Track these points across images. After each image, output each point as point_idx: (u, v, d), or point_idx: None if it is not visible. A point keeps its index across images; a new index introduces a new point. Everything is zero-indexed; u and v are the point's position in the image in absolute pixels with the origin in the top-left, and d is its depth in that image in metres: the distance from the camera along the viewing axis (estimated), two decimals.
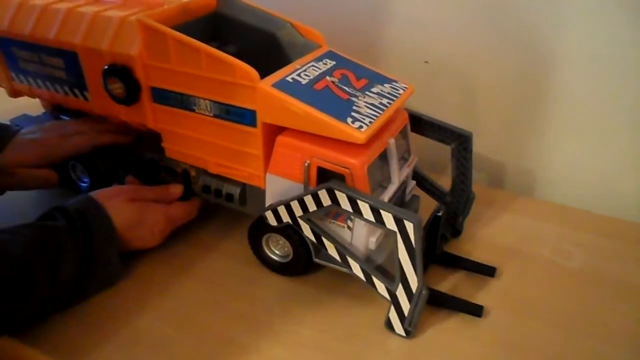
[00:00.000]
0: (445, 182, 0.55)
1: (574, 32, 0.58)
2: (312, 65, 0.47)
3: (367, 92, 0.46)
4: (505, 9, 0.60)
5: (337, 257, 0.45)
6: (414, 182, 0.53)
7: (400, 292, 0.42)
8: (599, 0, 0.55)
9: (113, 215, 0.47)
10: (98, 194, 0.49)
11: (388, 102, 0.46)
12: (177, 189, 0.54)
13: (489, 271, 0.51)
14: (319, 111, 0.42)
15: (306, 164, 0.43)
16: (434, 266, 0.51)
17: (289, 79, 0.44)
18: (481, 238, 0.56)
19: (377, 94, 0.47)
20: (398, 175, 0.47)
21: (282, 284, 0.50)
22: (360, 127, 0.41)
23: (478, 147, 0.53)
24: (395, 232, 0.40)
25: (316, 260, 0.48)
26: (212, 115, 0.47)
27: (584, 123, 0.62)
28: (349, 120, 0.42)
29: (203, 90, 0.46)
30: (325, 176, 0.43)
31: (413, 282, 0.41)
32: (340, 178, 0.42)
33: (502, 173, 0.70)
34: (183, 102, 0.48)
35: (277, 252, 0.50)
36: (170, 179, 0.55)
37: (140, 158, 0.57)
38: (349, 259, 0.44)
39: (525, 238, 0.56)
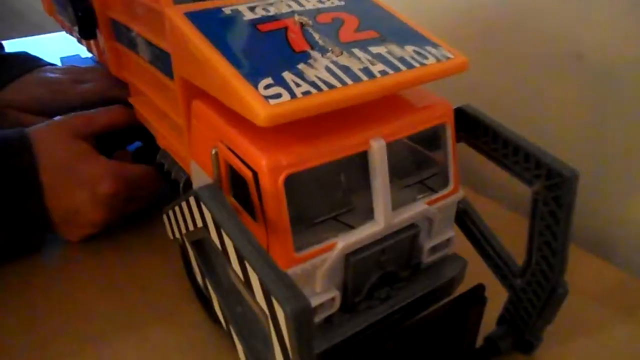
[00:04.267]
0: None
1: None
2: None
3: (356, 49, 0.26)
4: None
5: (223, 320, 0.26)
6: (452, 234, 0.30)
7: None
8: None
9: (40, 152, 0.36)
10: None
11: (388, 70, 0.24)
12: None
13: None
14: (224, 58, 0.23)
15: (213, 152, 0.26)
16: None
17: (226, 10, 0.27)
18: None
19: (377, 55, 0.25)
20: (385, 208, 0.25)
21: None
22: (277, 95, 0.22)
23: None
24: (265, 314, 0.19)
25: None
26: (148, 60, 0.32)
27: None
28: (263, 81, 0.22)
29: (134, 19, 0.32)
30: (237, 176, 0.25)
31: None
32: (243, 185, 0.23)
33: None
34: (129, 39, 0.34)
35: None
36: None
37: None
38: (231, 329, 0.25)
39: None
